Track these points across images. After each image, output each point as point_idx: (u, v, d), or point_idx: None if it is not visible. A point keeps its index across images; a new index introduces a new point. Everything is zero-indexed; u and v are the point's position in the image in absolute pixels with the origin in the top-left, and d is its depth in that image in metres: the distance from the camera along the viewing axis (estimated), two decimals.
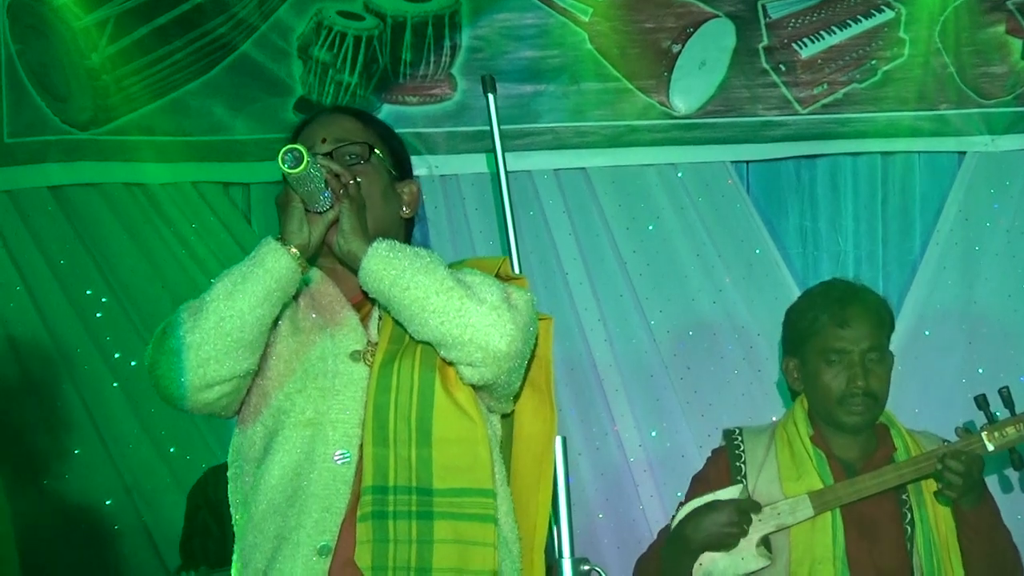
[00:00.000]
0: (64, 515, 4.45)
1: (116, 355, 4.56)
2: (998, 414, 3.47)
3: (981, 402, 3.47)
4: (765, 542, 3.37)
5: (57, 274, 4.57)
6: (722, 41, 4.49)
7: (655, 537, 3.66)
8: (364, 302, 2.51)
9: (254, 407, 2.43)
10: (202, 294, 2.40)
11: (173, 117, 4.57)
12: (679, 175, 4.56)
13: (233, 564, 2.46)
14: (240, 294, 2.33)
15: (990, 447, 3.43)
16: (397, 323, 2.44)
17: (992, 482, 3.94)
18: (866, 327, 3.50)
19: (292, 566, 2.33)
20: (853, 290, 3.58)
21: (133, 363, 4.54)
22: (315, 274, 2.51)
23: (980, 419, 3.48)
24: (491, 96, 3.13)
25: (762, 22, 4.49)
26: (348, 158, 2.51)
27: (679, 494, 3.61)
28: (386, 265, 2.37)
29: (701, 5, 4.49)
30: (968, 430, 3.48)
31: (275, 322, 2.41)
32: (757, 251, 4.51)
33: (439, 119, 4.53)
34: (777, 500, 3.41)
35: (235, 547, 2.47)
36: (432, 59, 4.53)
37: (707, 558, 3.37)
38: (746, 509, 3.36)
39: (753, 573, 3.37)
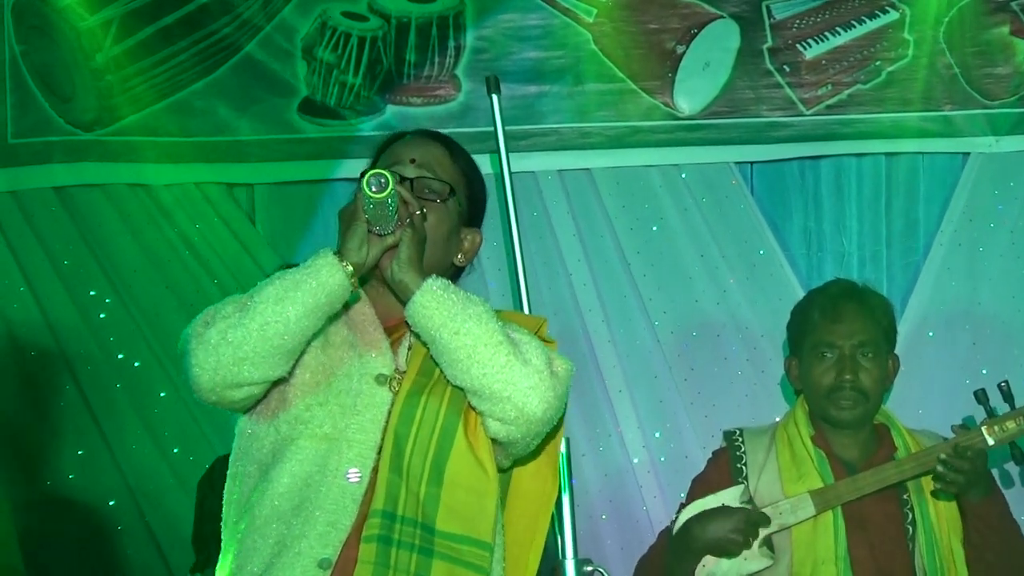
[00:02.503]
0: (67, 515, 4.45)
1: (119, 356, 4.56)
2: (998, 409, 3.48)
3: (981, 396, 3.48)
4: (767, 542, 3.38)
5: (61, 275, 4.57)
6: (726, 42, 4.49)
7: (657, 535, 3.67)
8: (397, 328, 2.50)
9: (271, 410, 2.42)
10: (251, 291, 2.38)
11: (177, 118, 4.57)
12: (683, 176, 4.56)
13: (222, 563, 2.44)
14: (289, 302, 2.31)
15: (990, 441, 3.43)
16: (429, 357, 2.43)
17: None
18: (859, 323, 3.51)
19: (291, 574, 2.32)
20: (851, 288, 3.60)
21: (136, 364, 4.55)
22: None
23: (980, 414, 3.49)
24: (495, 97, 3.13)
25: (766, 23, 4.48)
26: (426, 191, 2.50)
27: (682, 495, 3.62)
28: (438, 304, 2.36)
29: (705, 6, 4.48)
30: (967, 426, 3.48)
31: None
32: (761, 252, 4.51)
33: (443, 120, 4.53)
34: (778, 500, 3.42)
35: (226, 546, 2.45)
36: (436, 60, 4.53)
37: (710, 559, 3.38)
38: (755, 521, 3.37)
39: (756, 573, 3.38)
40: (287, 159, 4.56)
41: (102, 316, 4.57)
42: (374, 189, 2.32)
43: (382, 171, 2.34)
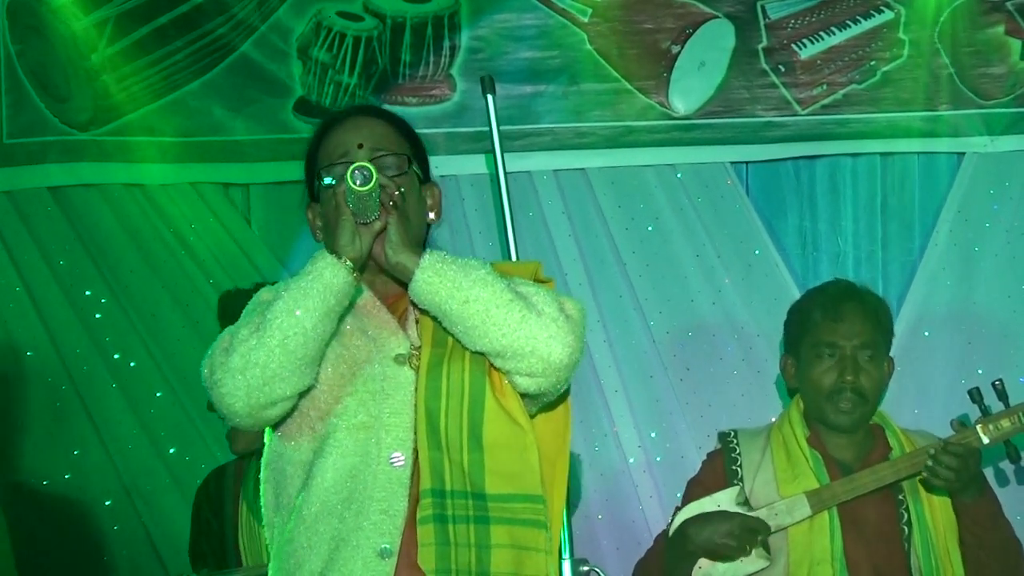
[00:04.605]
0: (63, 516, 4.45)
1: (115, 356, 4.56)
2: (992, 407, 3.48)
3: (975, 395, 3.49)
4: (764, 543, 3.38)
5: (56, 275, 4.56)
6: (721, 42, 4.49)
7: (654, 538, 3.67)
8: (397, 303, 2.52)
9: (301, 413, 2.44)
10: (257, 307, 2.40)
11: (173, 118, 4.56)
12: (678, 176, 4.56)
13: (273, 565, 2.46)
14: (303, 310, 2.33)
15: (985, 440, 3.44)
16: (439, 327, 2.45)
17: (988, 475, 3.95)
18: (860, 324, 3.51)
19: (352, 568, 2.34)
20: (851, 288, 3.60)
21: (132, 364, 4.55)
22: None
23: (975, 413, 3.49)
24: (490, 97, 3.14)
25: (761, 23, 4.49)
26: (387, 169, 2.51)
27: (678, 495, 3.62)
28: (440, 278, 2.38)
29: (700, 6, 4.49)
30: (963, 423, 3.48)
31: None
32: (756, 252, 4.51)
33: (438, 120, 4.53)
34: (774, 501, 3.42)
35: (276, 548, 2.46)
36: (431, 60, 4.53)
37: (706, 561, 3.38)
38: (753, 528, 3.37)
39: (752, 574, 3.38)
40: (282, 159, 4.55)
41: (98, 316, 4.57)
42: (359, 183, 2.35)
43: (364, 164, 2.36)
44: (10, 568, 3.73)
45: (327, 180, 2.49)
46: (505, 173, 3.09)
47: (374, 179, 2.35)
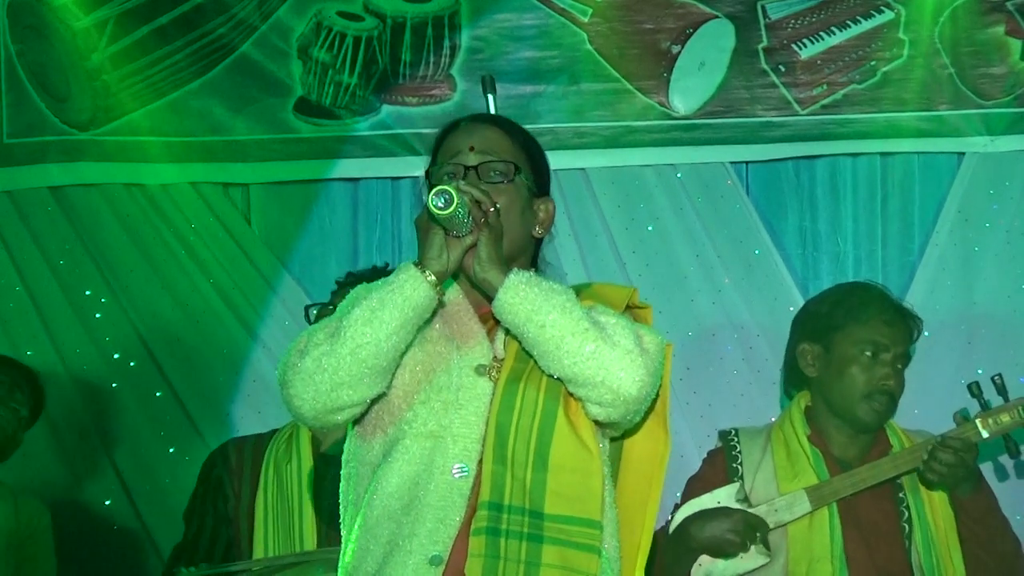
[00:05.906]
0: (63, 515, 4.44)
1: (115, 355, 4.56)
2: (992, 402, 3.49)
3: (975, 389, 3.50)
4: (763, 540, 3.38)
5: (57, 274, 4.57)
6: (721, 42, 4.49)
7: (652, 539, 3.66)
8: (491, 315, 2.51)
9: (376, 415, 2.45)
10: (339, 313, 2.40)
11: (173, 117, 4.57)
12: (678, 176, 4.56)
13: (341, 562, 2.48)
14: (378, 321, 2.34)
15: (984, 434, 3.46)
16: None
17: (987, 470, 3.96)
18: (904, 333, 3.54)
19: (403, 572, 2.35)
20: (894, 299, 3.62)
21: (132, 363, 4.55)
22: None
23: (974, 407, 3.50)
24: (491, 96, 3.15)
25: (762, 23, 4.49)
26: (492, 174, 2.51)
27: (678, 495, 3.62)
28: (522, 300, 2.38)
29: (701, 6, 4.49)
30: (964, 417, 3.50)
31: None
32: (756, 252, 4.51)
33: (439, 120, 4.51)
34: (774, 498, 3.42)
35: (344, 546, 2.48)
36: (432, 60, 4.53)
37: (706, 558, 3.38)
38: (753, 524, 3.37)
39: (752, 571, 3.38)
40: (283, 159, 4.57)
41: (98, 316, 4.57)
42: (440, 206, 2.34)
43: (445, 187, 2.35)
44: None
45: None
46: None
47: (455, 203, 2.33)
